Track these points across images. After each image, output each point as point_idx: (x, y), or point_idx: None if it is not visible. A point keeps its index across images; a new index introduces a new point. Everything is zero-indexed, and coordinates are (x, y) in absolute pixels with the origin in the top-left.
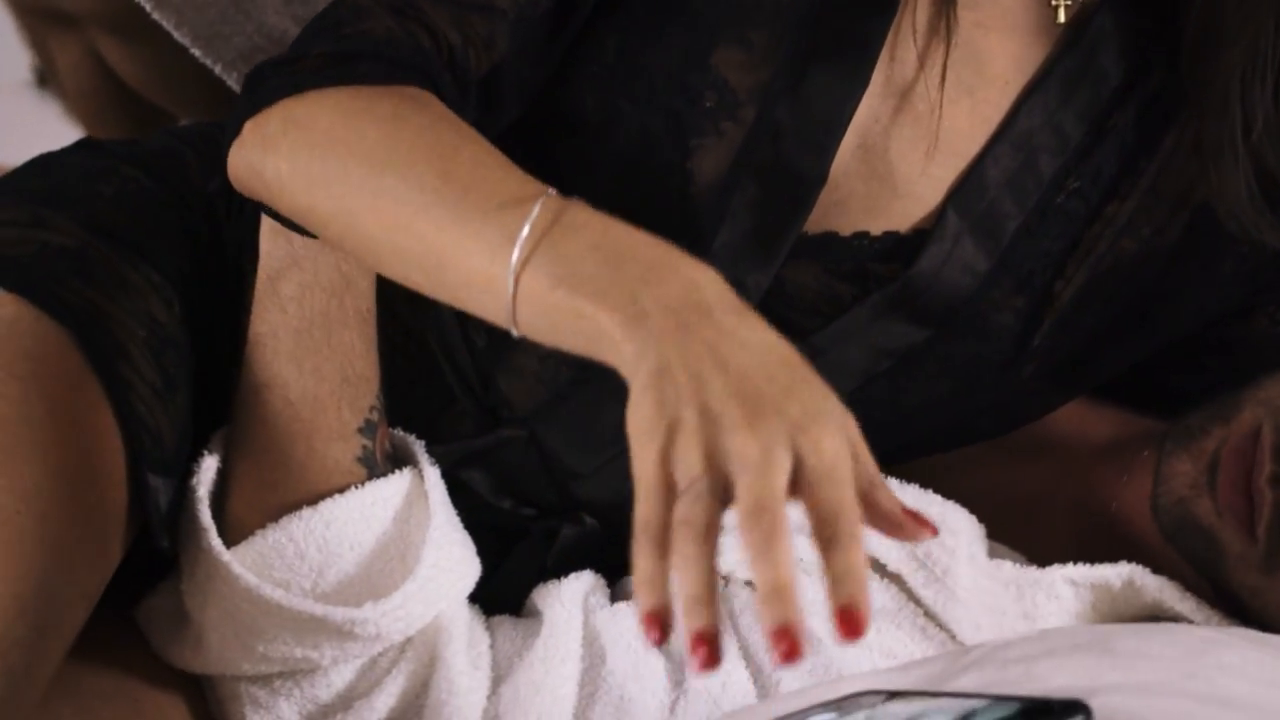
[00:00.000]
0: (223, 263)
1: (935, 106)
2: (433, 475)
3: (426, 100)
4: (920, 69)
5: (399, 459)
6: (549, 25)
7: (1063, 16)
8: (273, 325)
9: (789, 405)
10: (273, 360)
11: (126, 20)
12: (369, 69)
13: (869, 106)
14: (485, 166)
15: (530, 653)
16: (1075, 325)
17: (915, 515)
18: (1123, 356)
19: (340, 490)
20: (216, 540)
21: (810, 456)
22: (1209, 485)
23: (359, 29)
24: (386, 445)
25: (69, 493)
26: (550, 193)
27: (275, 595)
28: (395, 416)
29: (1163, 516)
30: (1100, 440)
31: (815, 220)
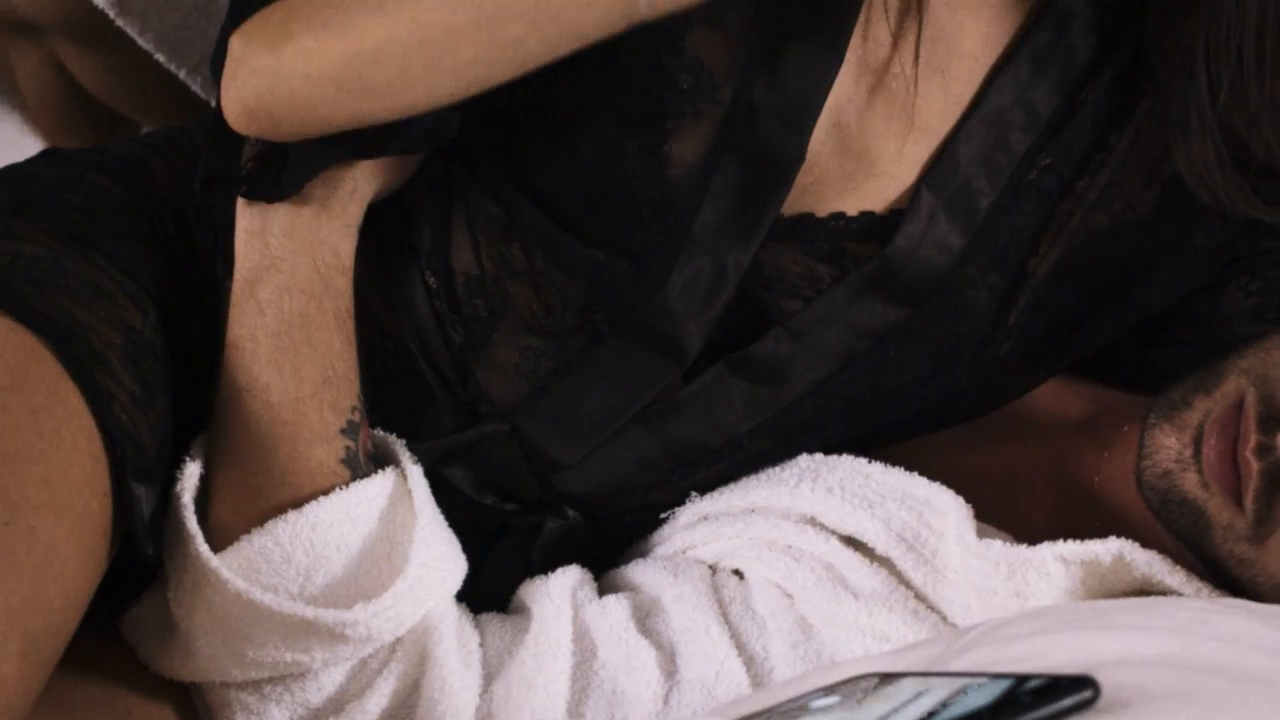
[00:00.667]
0: (195, 268)
1: (909, 85)
2: (416, 474)
3: None
4: (894, 48)
5: (380, 459)
6: None
7: None
8: (251, 329)
9: None
10: (252, 364)
11: (89, 28)
12: None
13: (842, 86)
14: None
15: (521, 649)
16: (1051, 301)
17: None
18: (1099, 333)
19: (324, 492)
20: (204, 546)
21: None
22: (1194, 458)
23: None
24: (368, 445)
25: (55, 502)
26: None
27: (265, 599)
28: (374, 416)
29: (1148, 490)
30: (1080, 417)
31: (791, 202)
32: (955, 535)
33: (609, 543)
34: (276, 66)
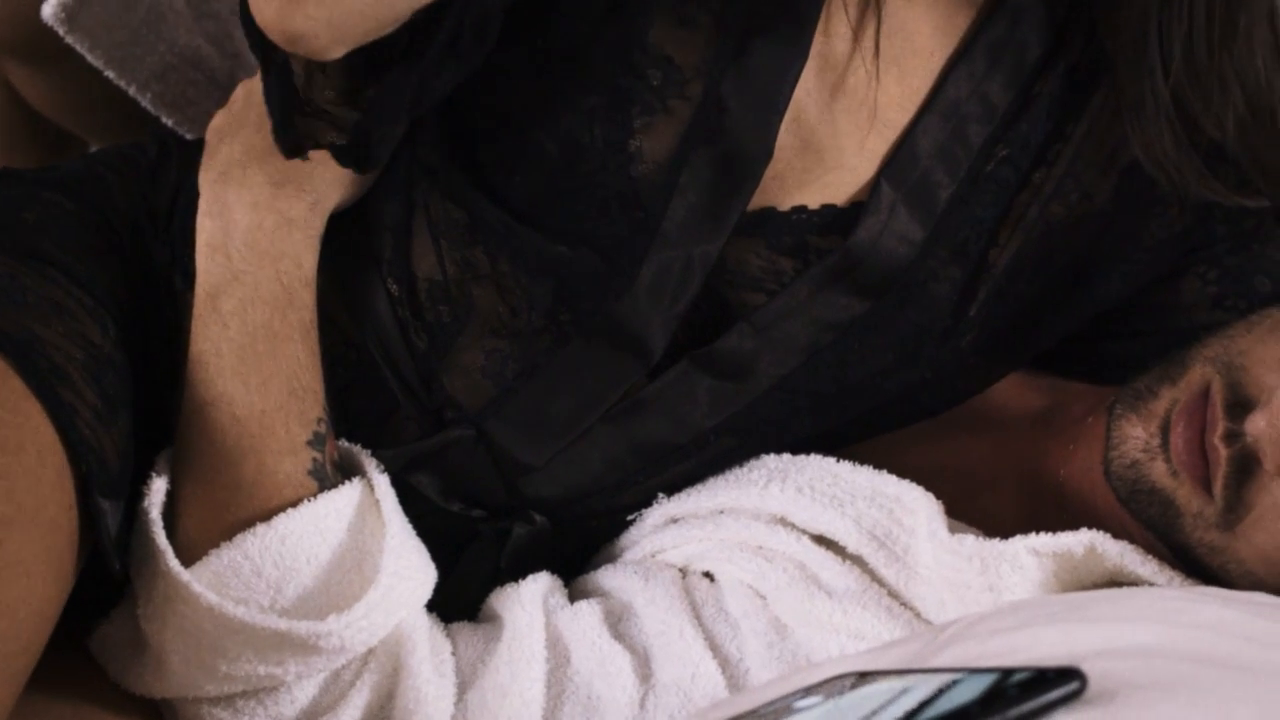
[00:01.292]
0: (153, 282)
1: (867, 79)
2: (383, 483)
3: None
4: (855, 42)
5: (347, 469)
6: None
7: None
8: (215, 342)
9: None
10: (217, 377)
11: (38, 46)
12: None
13: (802, 80)
14: None
15: (494, 657)
16: (1011, 293)
17: None
18: (1059, 324)
19: (292, 504)
20: (174, 561)
21: None
22: (1162, 447)
23: None
24: (335, 456)
25: (21, 517)
26: None
27: (238, 613)
28: (338, 426)
29: (1116, 481)
30: (1043, 411)
31: (754, 196)
32: (927, 531)
33: (577, 548)
34: None
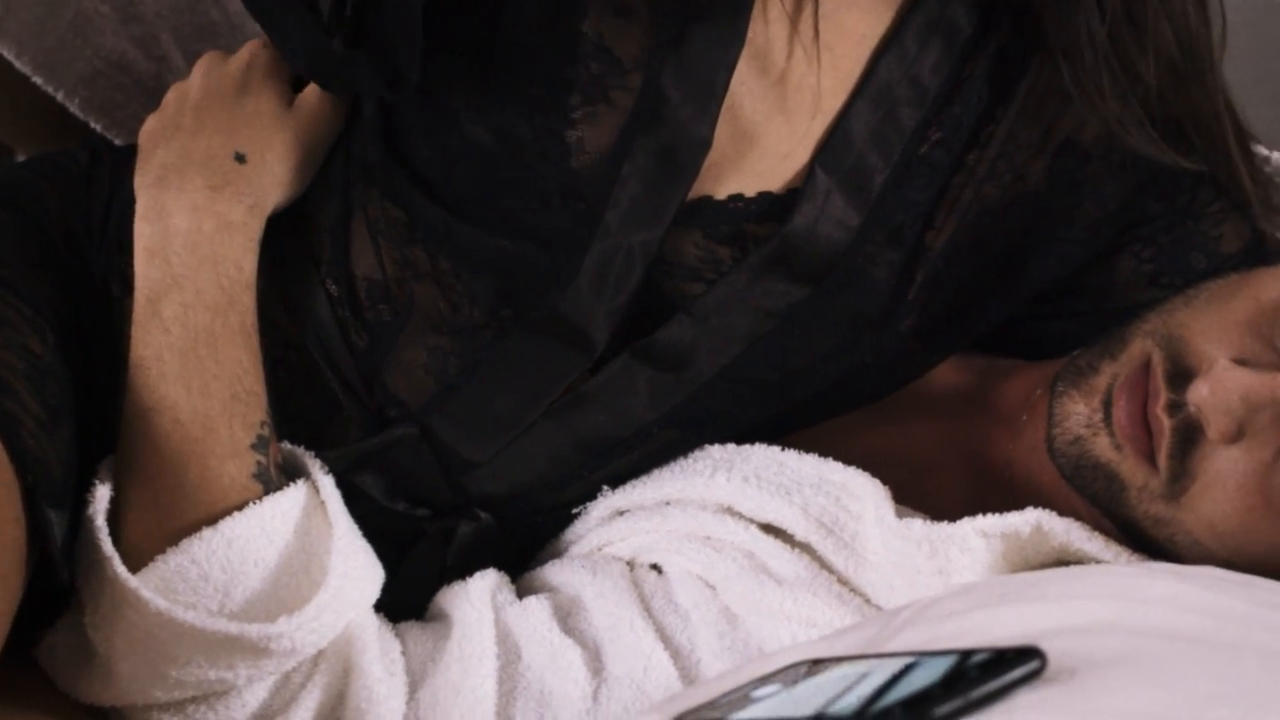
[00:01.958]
0: (90, 290)
1: (801, 64)
2: (328, 484)
3: None
4: (793, 27)
5: (290, 471)
6: None
7: None
8: (156, 348)
9: None
10: (159, 383)
11: None
12: None
13: (737, 69)
14: None
15: (444, 655)
16: (948, 276)
17: None
18: (997, 306)
19: (238, 508)
20: (122, 568)
21: None
22: (1105, 421)
23: None
24: (278, 459)
25: None
26: None
27: (188, 617)
28: (280, 429)
29: (1060, 458)
30: (986, 393)
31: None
32: (874, 518)
33: (522, 544)
34: None
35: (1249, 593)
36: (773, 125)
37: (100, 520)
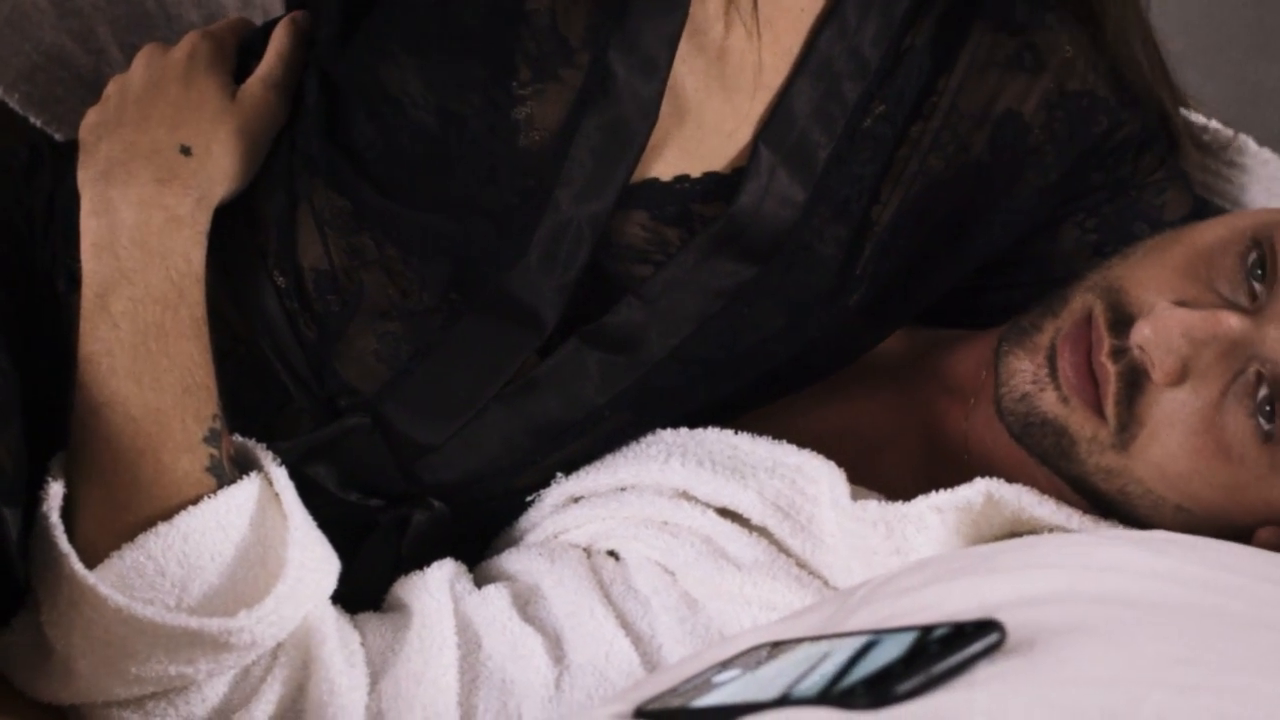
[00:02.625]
0: (34, 287)
1: (746, 40)
2: (281, 476)
3: None
4: (732, 4)
5: (243, 464)
6: None
7: None
8: (106, 343)
9: None
10: (109, 378)
11: None
12: None
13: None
14: None
15: (405, 645)
16: (895, 249)
17: None
18: (944, 278)
19: (192, 502)
20: (79, 565)
21: None
22: (1050, 376)
23: None
24: (231, 451)
25: None
26: None
27: (148, 613)
28: (231, 422)
29: (1008, 417)
30: (938, 364)
31: (637, 168)
32: (829, 500)
33: (477, 533)
34: None
35: (1199, 554)
36: (715, 103)
37: (55, 517)
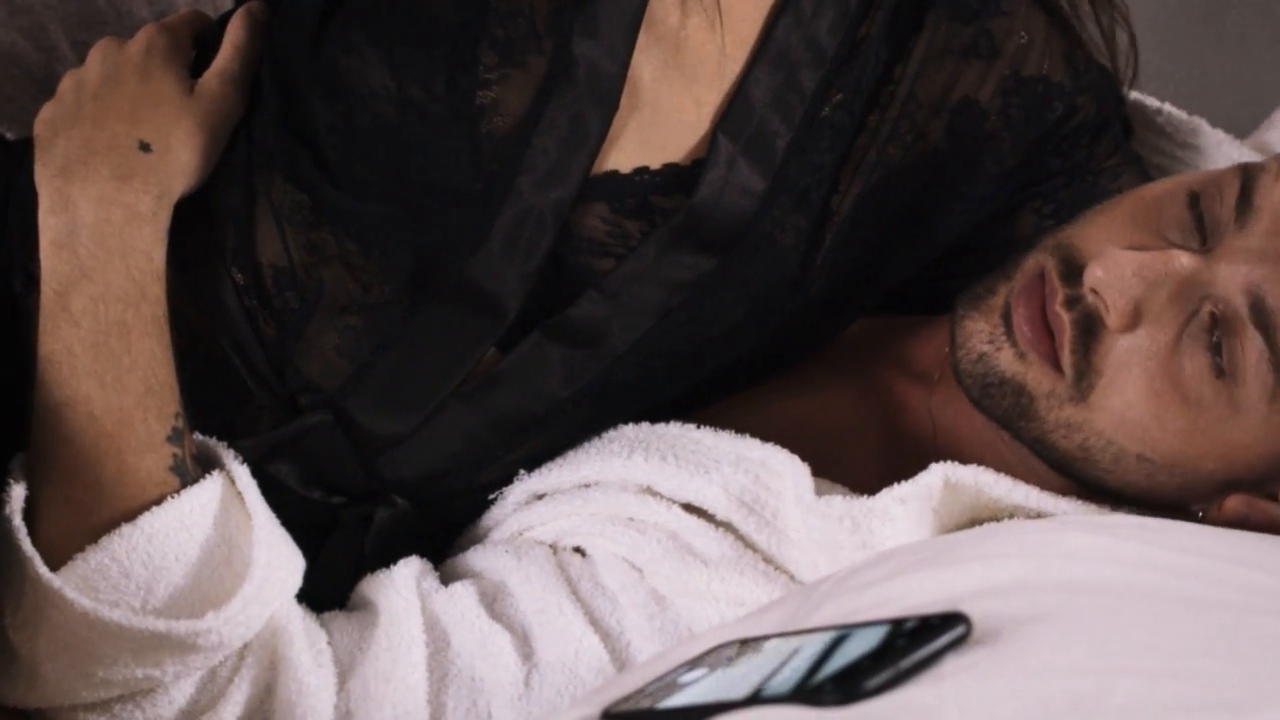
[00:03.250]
0: None
1: (703, 32)
2: (244, 474)
3: None
4: None
5: (205, 462)
6: None
7: None
8: (67, 342)
9: None
10: (71, 378)
11: None
12: None
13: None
14: None
15: (373, 644)
16: (856, 238)
17: None
18: (904, 266)
19: (156, 502)
20: (44, 568)
21: None
22: (1006, 334)
23: None
24: (193, 450)
25: None
26: None
27: (114, 616)
28: (192, 421)
29: (966, 380)
30: (897, 350)
31: (596, 160)
32: (794, 495)
33: (441, 530)
34: None
35: (1160, 538)
36: (673, 93)
37: (18, 520)
